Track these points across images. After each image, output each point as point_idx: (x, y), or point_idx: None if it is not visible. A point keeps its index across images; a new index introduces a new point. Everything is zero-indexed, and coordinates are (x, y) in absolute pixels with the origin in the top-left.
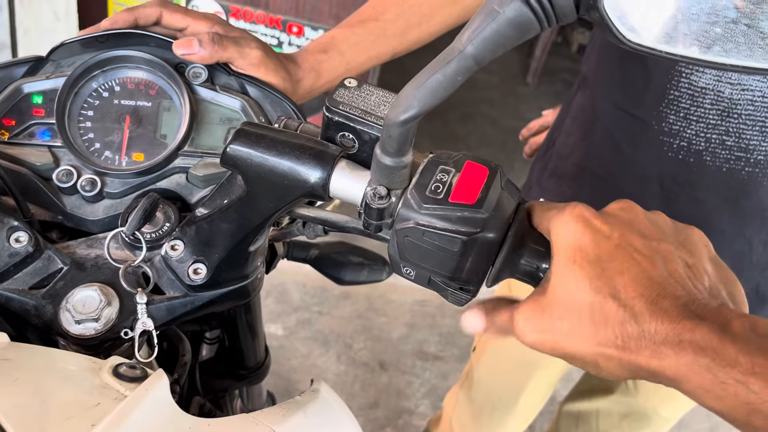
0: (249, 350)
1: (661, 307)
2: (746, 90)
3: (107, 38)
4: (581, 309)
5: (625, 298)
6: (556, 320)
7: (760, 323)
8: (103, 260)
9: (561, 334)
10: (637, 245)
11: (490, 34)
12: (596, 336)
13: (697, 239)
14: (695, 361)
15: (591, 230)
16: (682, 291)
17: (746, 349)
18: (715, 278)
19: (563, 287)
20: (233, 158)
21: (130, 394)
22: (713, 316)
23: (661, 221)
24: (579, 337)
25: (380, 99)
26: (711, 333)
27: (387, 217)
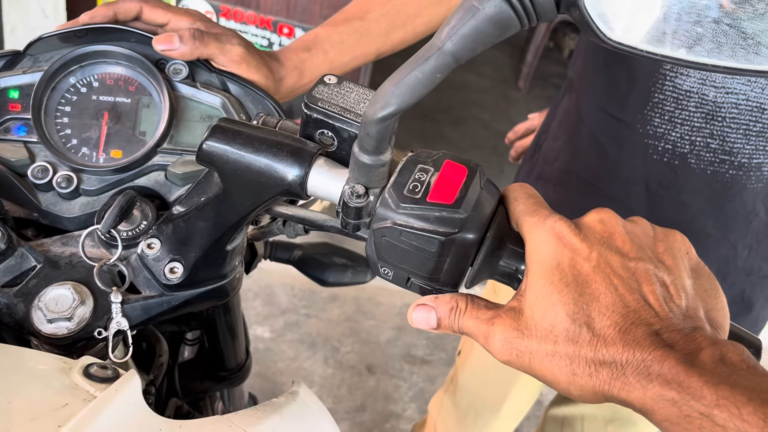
0: (229, 352)
1: (633, 336)
2: (730, 93)
3: (86, 33)
4: (557, 336)
5: (599, 327)
6: (533, 343)
7: (730, 354)
8: (77, 258)
9: (537, 357)
10: (614, 266)
11: (469, 31)
12: (570, 365)
13: (678, 246)
14: (661, 395)
15: (569, 249)
16: (655, 318)
17: (712, 381)
18: (693, 295)
19: (540, 309)
20: (209, 155)
21: (99, 395)
22: (684, 344)
23: (639, 232)
24: (554, 363)
25: (360, 96)
26: (678, 365)
27: (365, 216)
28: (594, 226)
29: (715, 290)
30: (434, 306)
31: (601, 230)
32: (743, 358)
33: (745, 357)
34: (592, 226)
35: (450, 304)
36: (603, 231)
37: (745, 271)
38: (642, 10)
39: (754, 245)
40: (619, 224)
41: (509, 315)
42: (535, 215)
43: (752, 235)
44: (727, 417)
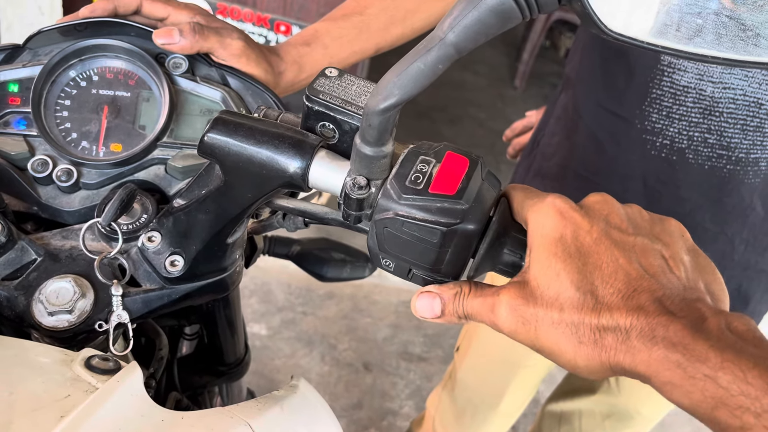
0: (228, 346)
1: (637, 302)
2: (728, 88)
3: (86, 27)
4: (562, 304)
5: (603, 294)
6: (539, 311)
7: (736, 323)
8: (78, 251)
9: (543, 326)
10: (615, 239)
11: (471, 22)
12: (575, 335)
13: (673, 229)
14: (667, 356)
15: (571, 223)
16: (657, 285)
17: (717, 346)
18: (692, 268)
19: (545, 279)
20: (210, 147)
21: (101, 386)
22: (688, 311)
23: (636, 214)
24: (559, 331)
25: (361, 89)
26: (684, 329)
27: (366, 207)
28: (593, 206)
29: (712, 268)
30: (438, 292)
31: (600, 209)
32: (749, 328)
33: (751, 327)
34: (591, 206)
35: (454, 289)
36: (602, 209)
37: (742, 266)
38: (643, 2)
39: (750, 240)
40: (616, 205)
41: (515, 286)
42: (536, 197)
43: (749, 230)
44: (731, 379)
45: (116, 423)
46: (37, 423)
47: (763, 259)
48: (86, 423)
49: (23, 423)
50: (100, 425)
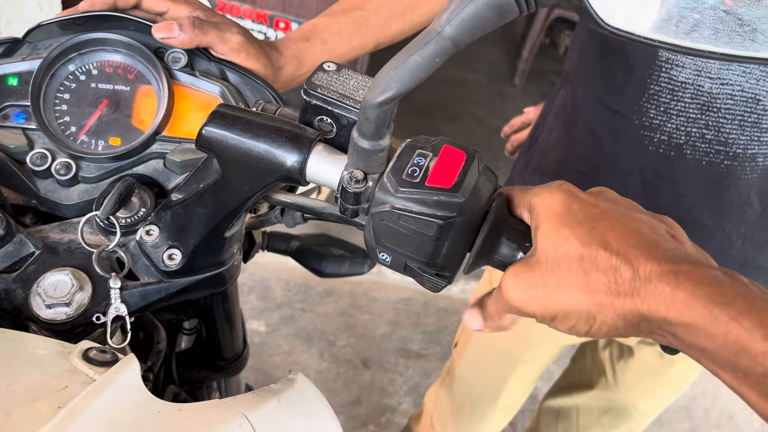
0: (226, 341)
1: (656, 253)
2: (726, 84)
3: (85, 20)
4: (571, 260)
5: (618, 247)
6: (545, 273)
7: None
8: (76, 245)
9: (551, 287)
10: (622, 211)
11: (468, 15)
12: (587, 283)
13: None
14: (692, 295)
15: (578, 199)
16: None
17: (745, 293)
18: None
19: (552, 245)
20: (208, 140)
21: (99, 378)
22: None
23: (636, 205)
24: (569, 287)
25: (359, 83)
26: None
27: (363, 201)
28: (599, 192)
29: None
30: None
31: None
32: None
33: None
34: (596, 192)
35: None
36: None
37: (740, 261)
38: None
39: (748, 235)
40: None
41: (522, 260)
42: (537, 187)
43: (746, 226)
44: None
45: (113, 414)
46: (35, 413)
47: (760, 255)
48: (83, 414)
49: (21, 413)
50: (97, 416)
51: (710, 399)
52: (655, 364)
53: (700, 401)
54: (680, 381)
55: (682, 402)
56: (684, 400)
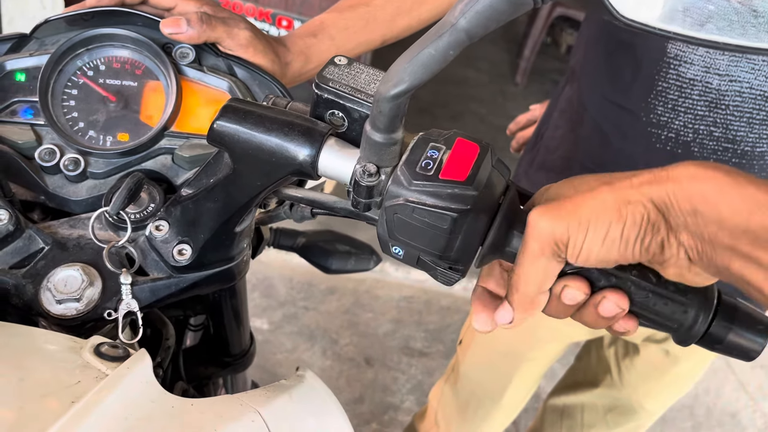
0: (234, 337)
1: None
2: (734, 81)
3: (93, 16)
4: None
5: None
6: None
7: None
8: (85, 240)
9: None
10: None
11: (483, 7)
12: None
13: None
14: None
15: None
16: None
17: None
18: None
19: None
20: (220, 134)
21: (111, 373)
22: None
23: None
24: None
25: (370, 77)
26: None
27: (376, 195)
28: None
29: None
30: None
31: None
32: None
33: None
34: None
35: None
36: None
37: None
38: None
39: None
40: None
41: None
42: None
43: None
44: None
45: (126, 408)
46: (48, 408)
47: None
48: (97, 408)
49: (34, 408)
50: (110, 411)
51: (713, 397)
52: (660, 362)
53: (702, 399)
54: (685, 379)
55: (685, 400)
56: (687, 399)
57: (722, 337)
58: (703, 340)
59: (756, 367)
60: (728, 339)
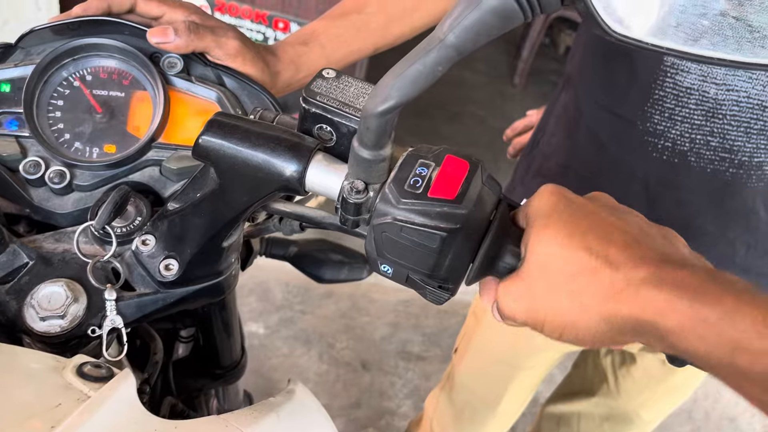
0: (224, 349)
1: (637, 254)
2: (731, 90)
3: (79, 25)
4: (553, 266)
5: (598, 248)
6: (533, 281)
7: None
8: (71, 255)
9: (538, 294)
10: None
11: (471, 22)
12: (569, 286)
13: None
14: (676, 297)
15: (565, 199)
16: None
17: (731, 290)
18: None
19: (536, 252)
20: (205, 149)
21: (93, 395)
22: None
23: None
24: (554, 292)
25: (359, 90)
26: (693, 275)
27: (364, 212)
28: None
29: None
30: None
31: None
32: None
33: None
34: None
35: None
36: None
37: (743, 269)
38: (647, 3)
39: (752, 243)
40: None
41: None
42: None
43: (751, 234)
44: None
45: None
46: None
47: (764, 263)
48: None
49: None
50: None
51: (711, 401)
52: (657, 371)
53: (701, 404)
54: (682, 388)
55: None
56: (685, 403)
57: None
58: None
59: None
60: None
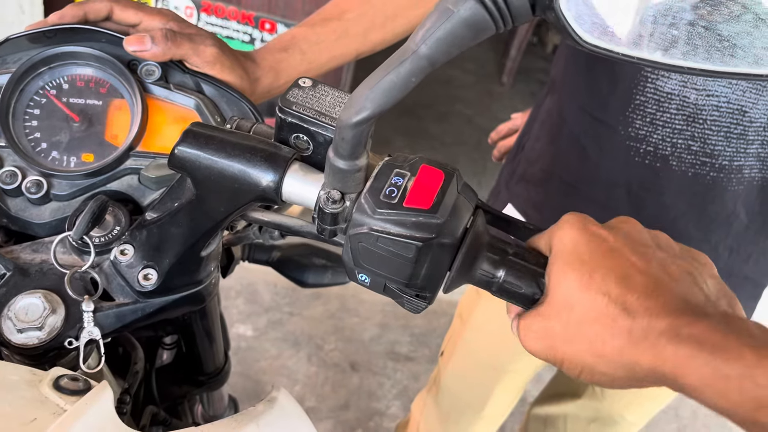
0: (207, 356)
1: (656, 302)
2: (711, 95)
3: (55, 33)
4: (572, 308)
5: (617, 294)
6: (551, 321)
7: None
8: (48, 265)
9: (556, 336)
10: (635, 247)
11: (444, 34)
12: (587, 333)
13: (698, 257)
14: (695, 354)
15: (587, 233)
16: (678, 290)
17: (752, 343)
18: (714, 290)
19: (557, 291)
20: (181, 160)
21: (69, 409)
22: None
23: (662, 238)
24: (572, 337)
25: (335, 100)
26: (712, 328)
27: (341, 221)
28: (615, 224)
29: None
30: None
31: (622, 227)
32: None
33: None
34: (613, 224)
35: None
36: (624, 228)
37: (726, 273)
38: (617, 13)
39: (734, 247)
40: (639, 227)
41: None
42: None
43: (733, 237)
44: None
45: None
46: None
47: (747, 266)
48: None
49: None
50: None
51: None
52: None
53: (687, 401)
54: (666, 391)
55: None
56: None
57: None
58: None
59: None
60: None
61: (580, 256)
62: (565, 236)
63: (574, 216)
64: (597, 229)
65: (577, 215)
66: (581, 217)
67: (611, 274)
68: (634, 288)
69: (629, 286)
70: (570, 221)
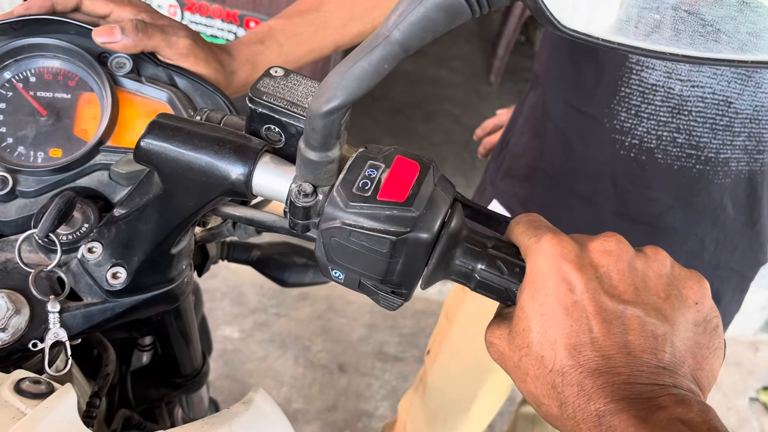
0: (184, 358)
1: (595, 383)
2: (696, 87)
3: (22, 25)
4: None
5: (561, 365)
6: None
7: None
8: (13, 264)
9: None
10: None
11: (417, 19)
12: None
13: (687, 293)
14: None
15: (557, 276)
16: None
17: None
18: (683, 350)
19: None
20: (147, 153)
21: (29, 412)
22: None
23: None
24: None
25: (308, 89)
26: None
27: (314, 216)
28: (596, 257)
29: (713, 349)
30: None
31: (602, 263)
32: (705, 419)
33: (707, 419)
34: (594, 257)
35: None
36: (604, 264)
37: (713, 266)
38: None
39: (721, 239)
40: (625, 259)
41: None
42: (534, 236)
43: (719, 230)
44: None
45: None
46: None
47: (733, 259)
48: None
49: None
50: None
51: None
52: None
53: None
54: None
55: None
56: None
57: None
58: None
59: (730, 365)
60: None
61: (545, 300)
62: (536, 267)
63: (554, 245)
64: (571, 271)
65: (558, 243)
66: (559, 249)
67: (564, 339)
68: (579, 363)
69: (576, 359)
70: (547, 253)
